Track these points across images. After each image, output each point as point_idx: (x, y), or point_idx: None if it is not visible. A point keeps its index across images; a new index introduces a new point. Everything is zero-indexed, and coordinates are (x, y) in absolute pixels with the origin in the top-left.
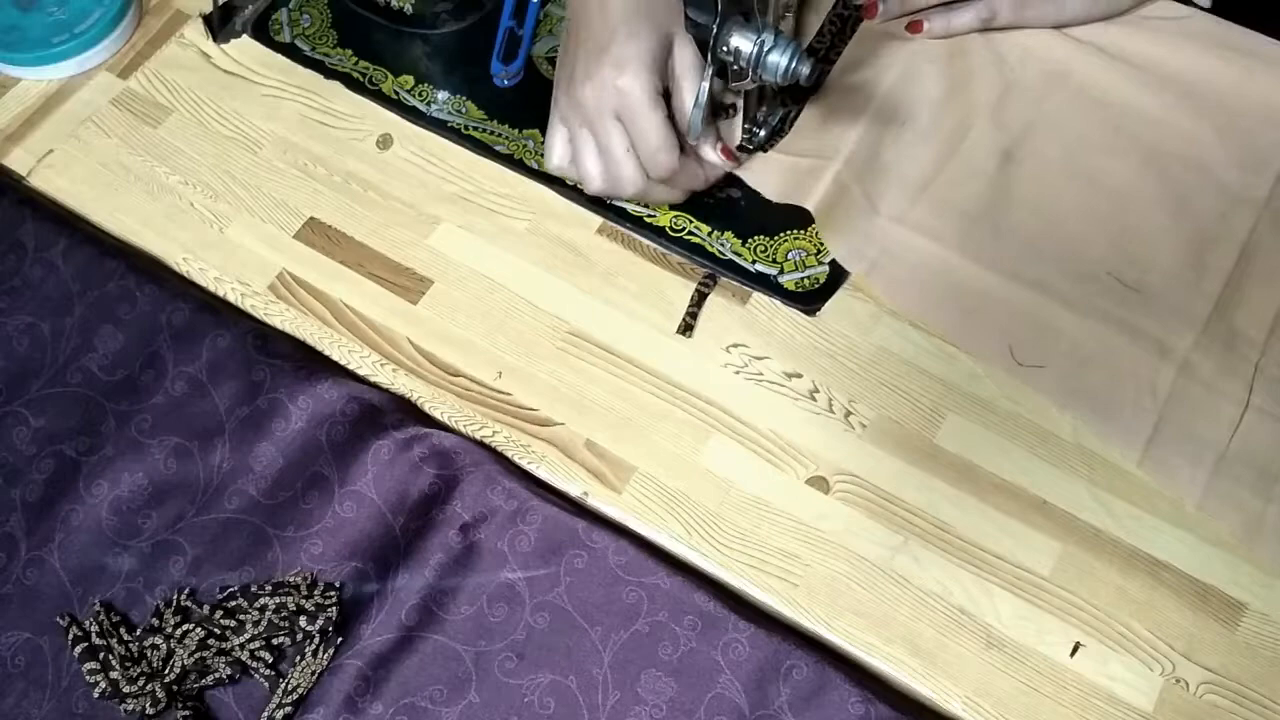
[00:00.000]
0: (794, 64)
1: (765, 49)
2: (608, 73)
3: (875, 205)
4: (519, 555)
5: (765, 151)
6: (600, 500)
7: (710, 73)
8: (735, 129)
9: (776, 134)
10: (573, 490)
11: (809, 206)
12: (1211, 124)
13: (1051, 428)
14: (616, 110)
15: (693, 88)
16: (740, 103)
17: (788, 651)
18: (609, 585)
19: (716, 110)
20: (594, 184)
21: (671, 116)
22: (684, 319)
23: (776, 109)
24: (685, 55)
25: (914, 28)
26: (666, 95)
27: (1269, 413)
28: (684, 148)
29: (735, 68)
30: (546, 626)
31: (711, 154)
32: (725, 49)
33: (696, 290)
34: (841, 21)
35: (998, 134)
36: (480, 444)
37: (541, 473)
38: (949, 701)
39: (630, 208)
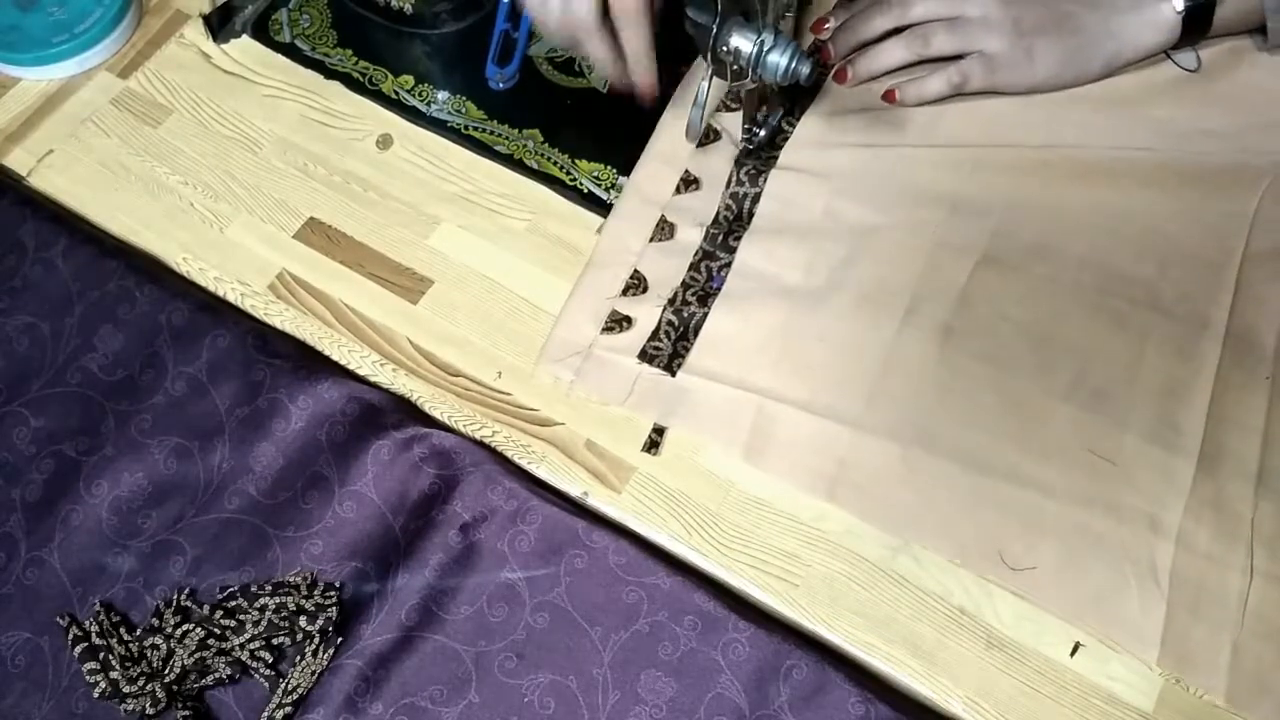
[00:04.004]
0: (794, 64)
1: (765, 49)
2: None
3: (821, 412)
4: (519, 555)
5: (764, 151)
6: (600, 500)
7: (710, 72)
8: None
9: (777, 134)
10: (573, 490)
11: (738, 449)
12: (1155, 258)
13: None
14: None
15: None
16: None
17: (788, 651)
18: (609, 585)
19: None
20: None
21: None
22: (649, 436)
23: (777, 109)
24: None
25: (888, 96)
26: None
27: (1274, 576)
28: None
29: (735, 68)
30: (546, 626)
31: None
32: (725, 49)
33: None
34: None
35: (933, 308)
36: (480, 444)
37: (541, 473)
38: (949, 702)
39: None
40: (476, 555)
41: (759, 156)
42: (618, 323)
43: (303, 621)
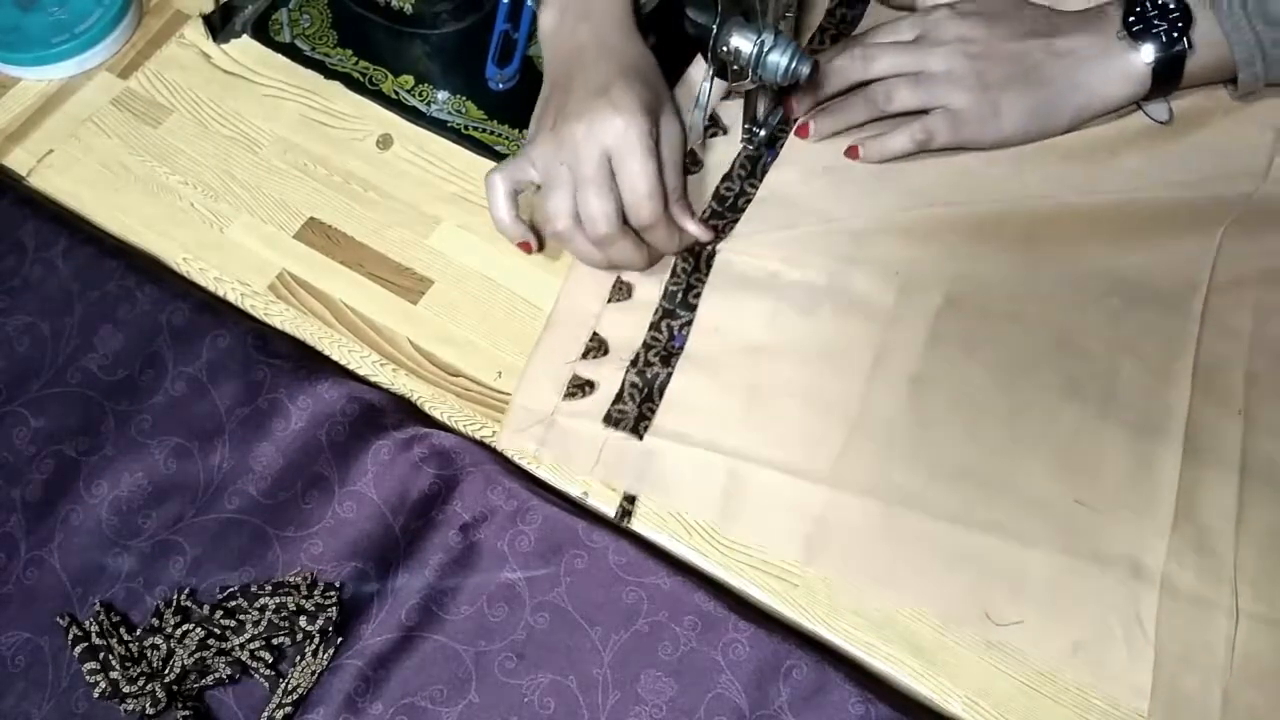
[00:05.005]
0: (794, 64)
1: (765, 49)
2: (606, 112)
3: (794, 471)
4: (519, 555)
5: (768, 148)
6: (600, 500)
7: (711, 73)
8: (732, 138)
9: (776, 135)
10: (573, 490)
11: (711, 514)
12: (1122, 296)
13: None
14: (607, 149)
15: (674, 160)
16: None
17: (788, 651)
18: (609, 585)
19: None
20: (560, 221)
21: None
22: (621, 505)
23: (777, 110)
24: (671, 129)
25: (851, 153)
26: None
27: (1261, 616)
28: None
29: (735, 68)
30: (546, 626)
31: (691, 224)
32: (725, 49)
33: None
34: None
35: (900, 356)
36: (480, 444)
37: (541, 473)
38: (949, 701)
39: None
40: (476, 555)
41: (722, 217)
42: (580, 388)
43: (303, 621)
